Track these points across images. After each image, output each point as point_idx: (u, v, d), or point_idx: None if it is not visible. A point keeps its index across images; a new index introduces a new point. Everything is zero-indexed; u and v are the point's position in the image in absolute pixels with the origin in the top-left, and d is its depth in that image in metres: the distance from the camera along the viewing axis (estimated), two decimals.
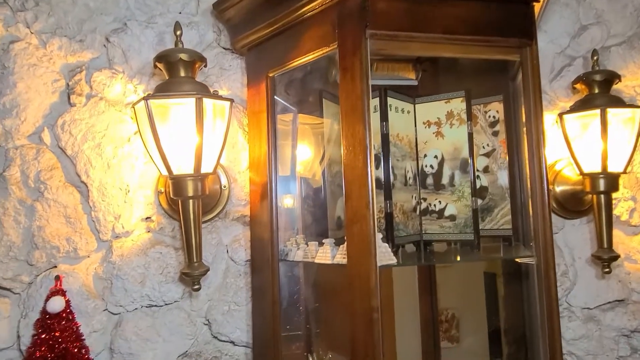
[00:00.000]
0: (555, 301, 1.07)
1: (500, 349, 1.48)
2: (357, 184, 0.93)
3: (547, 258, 1.03)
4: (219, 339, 1.27)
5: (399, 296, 1.41)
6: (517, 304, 1.30)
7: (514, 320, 1.36)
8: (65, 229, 1.20)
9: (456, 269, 1.56)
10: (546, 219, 1.05)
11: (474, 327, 1.56)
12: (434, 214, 1.20)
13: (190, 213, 1.10)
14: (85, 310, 1.18)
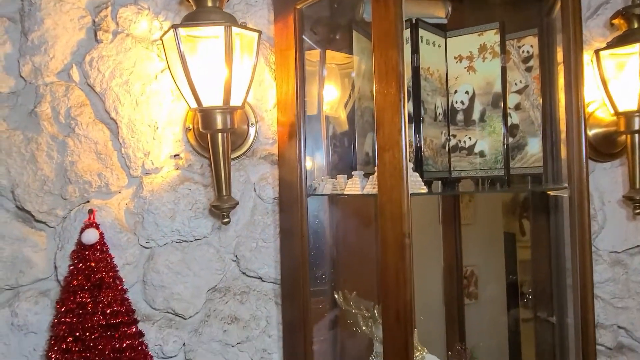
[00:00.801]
0: (588, 233, 1.06)
1: (517, 305, 1.50)
2: (389, 110, 0.92)
3: (581, 189, 1.01)
4: (247, 274, 1.29)
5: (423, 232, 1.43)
6: (544, 243, 1.29)
7: (539, 267, 1.36)
8: (96, 165, 1.22)
9: (479, 228, 1.57)
10: (581, 152, 1.03)
11: (493, 284, 1.57)
12: (463, 151, 1.18)
13: (220, 147, 1.11)
14: (119, 243, 1.21)
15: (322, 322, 1.47)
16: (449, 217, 1.54)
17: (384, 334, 0.94)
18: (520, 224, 1.50)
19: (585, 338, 1.07)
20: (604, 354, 1.44)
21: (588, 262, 1.05)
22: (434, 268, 1.58)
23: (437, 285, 1.58)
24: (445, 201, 1.51)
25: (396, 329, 0.91)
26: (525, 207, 1.47)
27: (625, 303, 1.44)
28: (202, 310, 1.27)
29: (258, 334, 1.28)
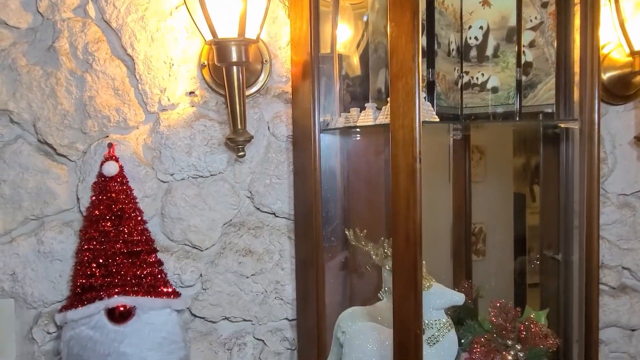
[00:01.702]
0: (597, 170, 1.08)
1: (524, 264, 1.53)
2: (403, 38, 0.93)
3: (591, 121, 1.02)
4: (261, 210, 1.33)
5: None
6: (554, 180, 1.31)
7: (547, 204, 1.38)
8: (114, 101, 1.25)
9: (488, 186, 1.58)
10: (594, 85, 1.03)
11: (501, 242, 1.59)
12: (475, 87, 1.19)
13: (235, 80, 1.13)
14: (137, 177, 1.25)
15: (333, 260, 1.52)
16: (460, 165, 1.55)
17: (394, 257, 0.98)
18: (531, 189, 1.51)
19: (589, 276, 1.11)
20: (607, 293, 1.47)
21: (595, 201, 1.07)
22: (443, 218, 1.61)
23: (446, 235, 1.62)
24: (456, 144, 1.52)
25: (405, 251, 0.95)
26: (537, 170, 1.48)
27: (631, 245, 1.47)
28: (218, 243, 1.32)
29: (271, 266, 1.33)
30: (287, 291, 1.33)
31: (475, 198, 1.59)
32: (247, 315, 1.34)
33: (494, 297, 1.28)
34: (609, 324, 1.48)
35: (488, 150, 1.54)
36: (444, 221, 1.61)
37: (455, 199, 1.57)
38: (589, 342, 1.12)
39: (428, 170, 1.61)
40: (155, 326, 1.22)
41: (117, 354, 1.19)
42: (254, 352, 1.34)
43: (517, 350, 1.16)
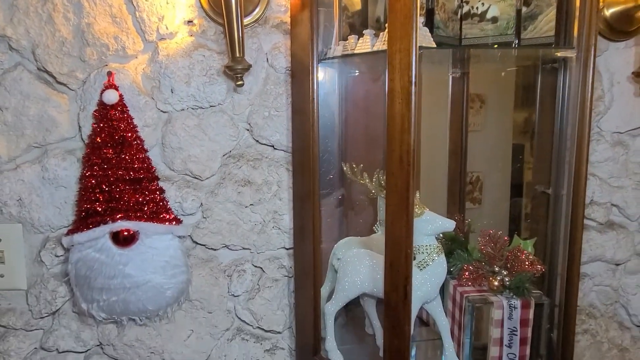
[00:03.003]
0: (590, 97, 1.09)
1: (520, 210, 1.55)
2: None
3: (589, 47, 1.02)
4: (259, 142, 1.36)
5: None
6: (550, 111, 1.32)
7: (542, 136, 1.40)
8: (112, 28, 1.25)
9: (486, 135, 1.59)
10: (592, 13, 1.03)
11: (497, 190, 1.62)
12: (475, 17, 1.18)
13: (233, 6, 1.12)
14: (137, 106, 1.27)
15: (331, 194, 1.56)
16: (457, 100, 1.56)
17: (387, 179, 1.01)
18: (532, 142, 1.52)
19: (575, 211, 1.14)
20: (595, 228, 1.52)
21: (586, 137, 1.08)
22: (440, 156, 1.63)
23: (442, 171, 1.65)
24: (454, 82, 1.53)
25: (399, 173, 0.98)
26: (534, 108, 1.47)
27: (622, 182, 1.50)
28: (218, 174, 1.35)
29: (270, 197, 1.37)
30: (285, 221, 1.38)
31: (474, 147, 1.61)
32: (246, 244, 1.39)
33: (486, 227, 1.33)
34: (595, 258, 1.53)
35: (489, 99, 1.55)
36: (441, 159, 1.64)
37: (452, 136, 1.59)
38: (571, 274, 1.17)
39: (427, 107, 1.64)
40: (158, 250, 1.27)
41: (122, 275, 1.24)
42: (252, 279, 1.41)
43: (503, 275, 1.22)
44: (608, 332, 1.59)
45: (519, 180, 1.55)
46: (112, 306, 1.27)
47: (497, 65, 1.43)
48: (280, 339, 1.45)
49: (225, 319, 1.41)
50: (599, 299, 1.57)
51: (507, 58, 1.26)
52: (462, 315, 1.24)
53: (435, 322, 1.22)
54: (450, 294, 1.32)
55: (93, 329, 1.37)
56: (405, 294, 1.01)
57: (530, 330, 1.20)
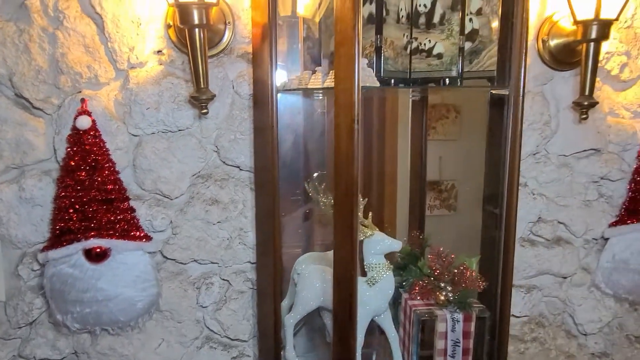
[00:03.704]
0: (519, 125, 1.18)
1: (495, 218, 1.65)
2: (346, 8, 1.01)
3: (518, 88, 1.12)
4: (226, 163, 1.45)
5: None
6: (497, 141, 1.42)
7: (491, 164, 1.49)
8: (85, 57, 1.33)
9: (460, 144, 1.69)
10: (521, 56, 1.12)
11: (471, 197, 1.72)
12: (423, 53, 1.28)
13: (197, 41, 1.20)
14: (109, 130, 1.35)
15: (296, 210, 1.65)
16: (417, 122, 1.66)
17: (335, 207, 1.10)
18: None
19: (507, 229, 1.24)
20: (542, 244, 1.63)
21: (517, 161, 1.18)
22: (402, 173, 1.73)
23: (404, 188, 1.75)
24: (414, 107, 1.63)
25: (344, 203, 1.08)
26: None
27: (567, 201, 1.61)
28: (187, 193, 1.44)
29: (236, 215, 1.46)
30: (250, 237, 1.47)
31: (449, 155, 1.71)
32: (214, 258, 1.48)
33: (452, 248, 1.42)
34: (543, 272, 1.64)
35: (463, 109, 1.64)
36: (402, 175, 1.74)
37: (413, 153, 1.69)
38: (504, 288, 1.27)
39: (390, 127, 1.73)
40: (129, 266, 1.36)
41: (94, 289, 1.33)
42: (220, 291, 1.50)
43: (447, 291, 1.32)
44: (556, 340, 1.70)
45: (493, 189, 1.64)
46: (86, 317, 1.36)
47: (451, 93, 1.52)
48: (247, 347, 1.54)
49: (194, 328, 1.51)
50: (548, 309, 1.68)
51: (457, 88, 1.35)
52: (411, 327, 1.34)
53: (386, 333, 1.31)
54: (402, 307, 1.42)
55: (68, 338, 1.45)
56: (350, 311, 1.11)
57: (472, 341, 1.30)
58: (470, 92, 1.42)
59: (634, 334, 1.72)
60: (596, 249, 1.64)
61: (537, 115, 1.54)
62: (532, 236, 1.62)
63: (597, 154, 1.59)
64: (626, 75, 1.56)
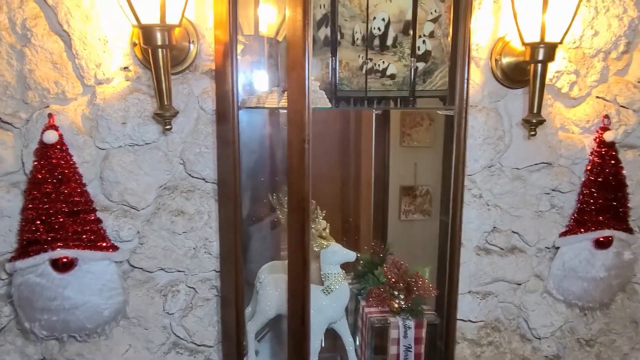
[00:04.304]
0: (462, 142, 1.25)
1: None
2: (296, 34, 1.07)
3: (461, 110, 1.19)
4: (192, 175, 1.50)
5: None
6: (449, 156, 1.49)
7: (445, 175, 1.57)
8: (53, 74, 1.37)
9: (434, 151, 1.75)
10: (463, 78, 1.20)
11: (445, 202, 1.79)
12: (377, 73, 1.34)
13: (160, 61, 1.25)
14: (77, 144, 1.39)
15: (263, 220, 1.71)
16: (381, 135, 1.73)
17: (288, 221, 1.17)
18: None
19: (452, 237, 1.31)
20: (497, 253, 1.71)
21: (460, 174, 1.25)
22: (365, 183, 1.80)
23: (367, 198, 1.82)
24: (378, 120, 1.70)
25: (296, 214, 1.14)
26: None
27: (521, 212, 1.69)
28: (153, 204, 1.49)
29: (201, 225, 1.51)
30: (215, 247, 1.52)
31: (424, 161, 1.77)
32: (180, 267, 1.53)
33: (422, 254, 1.49)
34: (498, 279, 1.72)
35: (437, 116, 1.71)
36: (365, 185, 1.81)
37: (377, 164, 1.76)
38: (450, 295, 1.34)
39: (354, 139, 1.80)
40: (96, 275, 1.40)
41: (61, 297, 1.37)
42: (186, 298, 1.55)
43: (400, 299, 1.39)
44: (511, 344, 1.78)
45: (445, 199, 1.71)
46: (53, 325, 1.40)
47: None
48: (213, 352, 1.60)
49: (161, 334, 1.56)
50: (504, 314, 1.76)
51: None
52: (367, 333, 1.40)
53: (342, 340, 1.38)
54: (360, 314, 1.48)
55: (37, 344, 1.49)
56: (303, 318, 1.17)
57: (424, 347, 1.38)
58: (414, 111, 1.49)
59: (584, 338, 1.82)
60: (548, 257, 1.73)
61: (491, 130, 1.61)
62: (488, 245, 1.70)
63: (549, 167, 1.68)
64: (575, 93, 1.65)
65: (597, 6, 1.59)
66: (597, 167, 1.62)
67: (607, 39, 1.61)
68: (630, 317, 1.83)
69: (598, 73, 1.64)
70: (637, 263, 1.78)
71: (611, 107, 1.66)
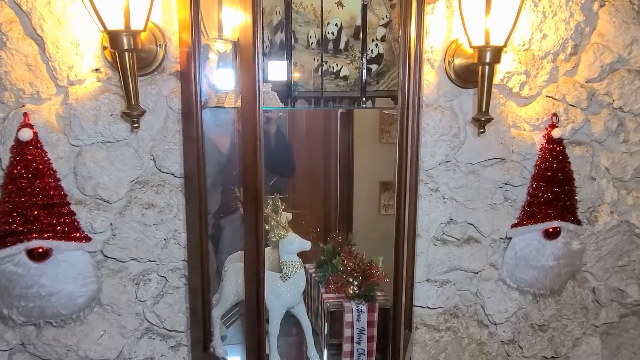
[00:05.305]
0: (404, 139, 1.34)
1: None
2: (247, 40, 1.16)
3: (405, 109, 1.29)
4: (162, 171, 1.59)
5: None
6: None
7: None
8: (28, 75, 1.46)
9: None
10: (410, 78, 1.29)
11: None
12: (332, 75, 1.44)
13: (127, 64, 1.34)
14: (51, 142, 1.48)
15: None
16: (345, 131, 1.83)
17: (244, 213, 1.26)
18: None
19: (397, 227, 1.40)
20: (453, 243, 1.81)
21: (403, 170, 1.35)
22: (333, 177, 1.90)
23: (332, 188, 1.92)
24: (342, 118, 1.79)
25: (250, 209, 1.23)
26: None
27: (475, 205, 1.79)
28: (125, 198, 1.58)
29: (171, 217, 1.60)
30: (184, 238, 1.62)
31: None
32: (151, 257, 1.62)
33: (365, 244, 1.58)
34: (454, 268, 1.82)
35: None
36: (332, 175, 1.91)
37: (342, 160, 1.85)
38: (396, 281, 1.43)
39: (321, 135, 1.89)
40: (70, 264, 1.49)
41: (37, 285, 1.47)
42: (157, 286, 1.64)
43: (355, 285, 1.49)
44: (468, 329, 1.89)
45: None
46: (30, 311, 1.49)
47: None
48: (184, 337, 1.69)
49: (134, 320, 1.65)
50: (462, 301, 1.87)
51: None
52: (324, 317, 1.50)
53: (301, 323, 1.48)
54: (320, 300, 1.58)
55: (15, 330, 1.59)
56: (257, 302, 1.27)
57: (376, 329, 1.48)
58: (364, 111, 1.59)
59: (537, 323, 1.92)
60: (502, 247, 1.83)
61: (446, 127, 1.71)
62: (444, 236, 1.80)
63: (502, 162, 1.78)
64: (526, 92, 1.75)
65: (545, 11, 1.69)
66: (546, 162, 1.72)
67: (555, 41, 1.71)
68: (581, 303, 1.94)
69: (547, 74, 1.74)
70: (586, 253, 1.89)
71: (560, 106, 1.76)
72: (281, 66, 1.36)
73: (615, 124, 1.82)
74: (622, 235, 1.91)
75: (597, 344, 1.99)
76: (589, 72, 1.77)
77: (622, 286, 1.98)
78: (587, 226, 1.87)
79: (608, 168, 1.86)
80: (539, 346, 1.93)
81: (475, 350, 1.90)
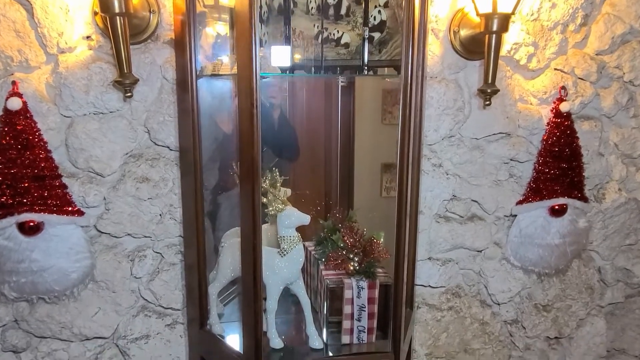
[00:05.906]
0: (407, 110, 1.28)
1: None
2: (243, 4, 1.10)
3: (408, 79, 1.23)
4: (156, 144, 1.54)
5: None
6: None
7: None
8: (16, 42, 1.40)
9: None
10: (414, 47, 1.23)
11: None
12: (332, 42, 1.38)
13: (118, 28, 1.28)
14: (41, 112, 1.43)
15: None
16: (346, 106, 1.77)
17: (240, 186, 1.21)
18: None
19: (399, 204, 1.34)
20: (457, 221, 1.76)
21: (405, 145, 1.29)
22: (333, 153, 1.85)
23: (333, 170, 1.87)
24: (343, 91, 1.73)
25: (247, 180, 1.18)
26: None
27: (479, 181, 1.74)
28: (119, 171, 1.53)
29: (166, 192, 1.56)
30: (179, 213, 1.57)
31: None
32: (146, 232, 1.58)
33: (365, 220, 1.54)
34: (457, 246, 1.78)
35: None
36: (333, 154, 1.85)
37: (342, 135, 1.80)
38: (397, 258, 1.38)
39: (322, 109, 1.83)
40: (62, 238, 1.45)
41: (29, 260, 1.43)
42: (153, 263, 1.61)
43: (355, 261, 1.45)
44: (471, 309, 1.85)
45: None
46: (22, 287, 1.45)
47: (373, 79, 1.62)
48: (180, 315, 1.66)
49: (129, 297, 1.62)
50: (464, 280, 1.83)
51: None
52: (323, 294, 1.47)
53: (299, 299, 1.44)
54: (319, 276, 1.54)
55: (8, 306, 1.55)
56: (254, 277, 1.23)
57: (377, 306, 1.44)
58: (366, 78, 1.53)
59: (541, 303, 1.89)
60: (506, 225, 1.79)
61: (450, 101, 1.65)
62: (447, 213, 1.76)
63: (507, 137, 1.72)
64: (534, 65, 1.68)
65: None
66: (553, 137, 1.66)
67: (565, 11, 1.64)
68: (586, 283, 1.90)
69: (556, 45, 1.67)
70: (592, 231, 1.85)
71: (569, 79, 1.70)
72: (279, 33, 1.30)
73: (625, 98, 1.76)
74: (630, 213, 1.86)
75: (601, 324, 1.95)
76: (599, 44, 1.71)
77: (629, 266, 1.93)
78: (594, 203, 1.83)
79: (617, 144, 1.80)
80: (542, 326, 1.90)
81: (478, 330, 1.87)
